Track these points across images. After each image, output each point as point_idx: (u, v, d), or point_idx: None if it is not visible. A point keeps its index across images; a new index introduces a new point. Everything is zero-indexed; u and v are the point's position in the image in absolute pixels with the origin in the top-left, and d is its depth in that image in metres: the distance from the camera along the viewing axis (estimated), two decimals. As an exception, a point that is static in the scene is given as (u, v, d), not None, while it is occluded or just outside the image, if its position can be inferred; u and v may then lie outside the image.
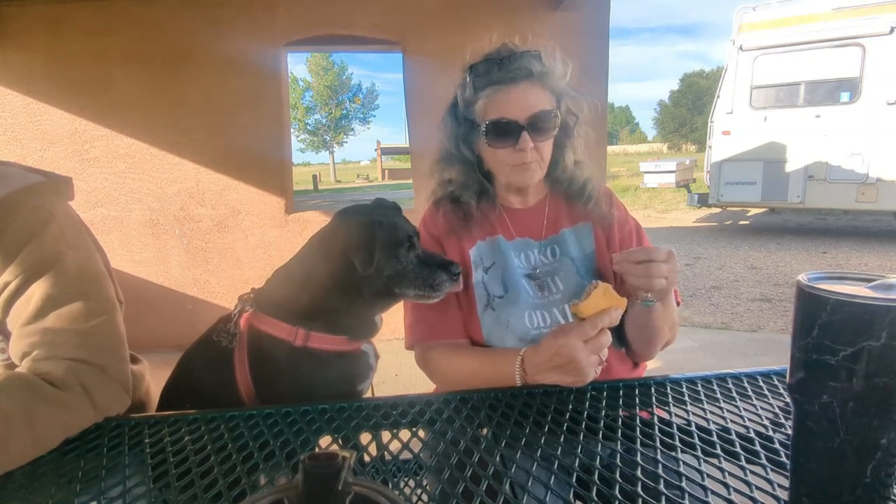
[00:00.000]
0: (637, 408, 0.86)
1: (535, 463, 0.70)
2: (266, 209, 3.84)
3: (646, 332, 1.07)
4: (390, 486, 0.71)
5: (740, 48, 7.94)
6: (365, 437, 0.81)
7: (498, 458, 0.71)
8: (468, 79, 1.09)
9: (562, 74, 1.08)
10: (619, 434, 0.77)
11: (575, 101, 1.11)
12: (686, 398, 0.88)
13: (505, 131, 1.05)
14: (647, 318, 1.03)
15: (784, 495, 0.59)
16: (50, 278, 0.87)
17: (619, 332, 1.11)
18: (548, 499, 0.63)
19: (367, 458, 0.78)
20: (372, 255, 0.99)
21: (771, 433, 0.74)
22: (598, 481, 0.64)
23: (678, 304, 1.13)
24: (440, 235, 1.17)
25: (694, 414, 0.82)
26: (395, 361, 3.34)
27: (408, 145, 4.24)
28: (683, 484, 0.63)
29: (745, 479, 0.63)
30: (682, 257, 7.16)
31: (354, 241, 1.01)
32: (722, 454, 0.70)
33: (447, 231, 1.16)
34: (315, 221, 3.84)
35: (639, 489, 0.63)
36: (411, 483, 0.87)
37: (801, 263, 6.62)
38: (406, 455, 0.76)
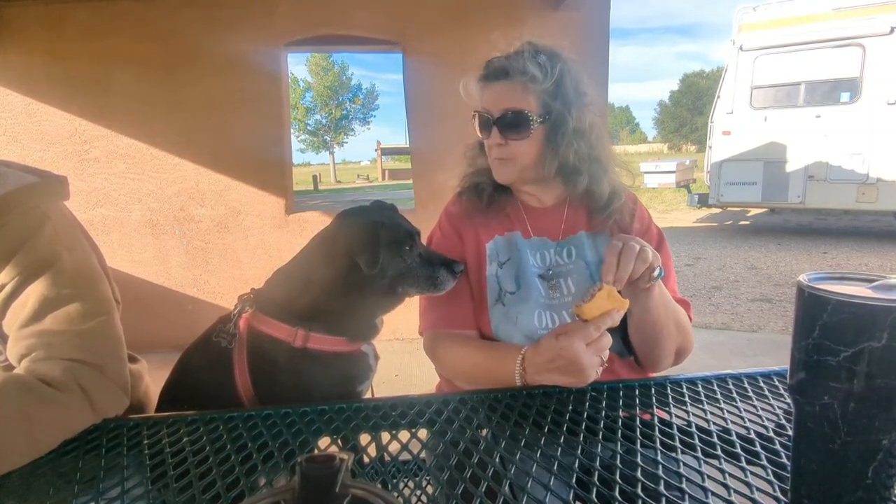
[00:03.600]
0: (637, 408, 0.86)
1: (535, 464, 0.70)
2: (266, 209, 3.84)
3: (650, 330, 1.04)
4: (389, 487, 0.71)
5: (740, 48, 7.94)
6: (364, 438, 0.81)
7: (497, 459, 0.71)
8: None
9: (538, 77, 1.05)
10: (619, 435, 0.77)
11: (565, 108, 1.07)
12: (686, 399, 0.88)
13: (483, 124, 1.12)
14: (648, 313, 1.01)
15: (785, 497, 0.59)
16: (46, 280, 0.86)
17: (625, 340, 1.10)
18: (547, 500, 0.62)
19: (366, 460, 0.77)
20: (376, 255, 1.00)
21: (772, 434, 0.74)
22: (597, 482, 0.64)
23: (690, 319, 1.12)
24: (460, 224, 1.19)
25: (694, 415, 0.82)
26: (395, 362, 3.35)
27: (408, 145, 4.24)
28: (684, 485, 0.63)
29: (746, 480, 0.63)
30: (683, 257, 7.16)
31: (358, 241, 1.01)
32: (722, 455, 0.69)
33: (467, 217, 1.19)
34: (315, 222, 3.84)
35: (639, 490, 0.62)
36: (410, 484, 0.87)
37: (802, 264, 6.62)
38: (405, 456, 0.76)
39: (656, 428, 0.78)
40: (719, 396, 0.88)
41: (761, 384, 0.92)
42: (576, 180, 1.12)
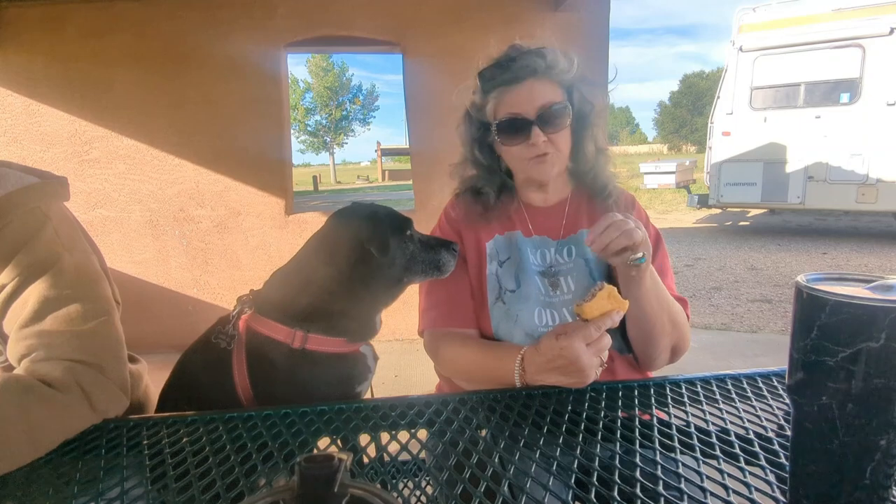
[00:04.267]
0: (636, 409, 0.86)
1: (534, 464, 0.70)
2: (266, 210, 3.84)
3: (644, 325, 1.04)
4: (388, 487, 0.71)
5: (740, 49, 7.94)
6: (363, 439, 0.81)
7: (496, 460, 0.71)
8: (478, 84, 1.13)
9: (566, 68, 1.09)
10: (618, 435, 0.77)
11: (588, 91, 1.13)
12: (685, 399, 0.88)
13: (516, 128, 1.09)
14: (639, 304, 1.01)
15: (783, 497, 0.59)
16: (47, 280, 0.87)
17: (625, 337, 1.10)
18: (546, 500, 0.62)
19: (365, 460, 0.78)
20: (387, 240, 1.02)
21: (770, 434, 0.74)
22: (596, 482, 0.64)
23: (688, 317, 1.13)
24: (459, 226, 1.20)
25: (693, 415, 0.82)
26: (395, 363, 3.35)
27: (408, 146, 4.24)
28: (682, 485, 0.63)
29: (745, 480, 0.63)
30: (683, 258, 7.16)
31: (366, 230, 1.03)
32: (721, 455, 0.69)
33: (466, 221, 1.20)
34: (315, 222, 3.84)
35: (637, 490, 0.62)
36: (410, 484, 0.87)
37: (802, 264, 6.62)
38: (405, 456, 0.76)
39: (655, 428, 0.78)
40: (718, 397, 0.88)
41: (760, 385, 0.92)
42: (586, 168, 1.16)
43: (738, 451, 0.70)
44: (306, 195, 27.52)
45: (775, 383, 0.92)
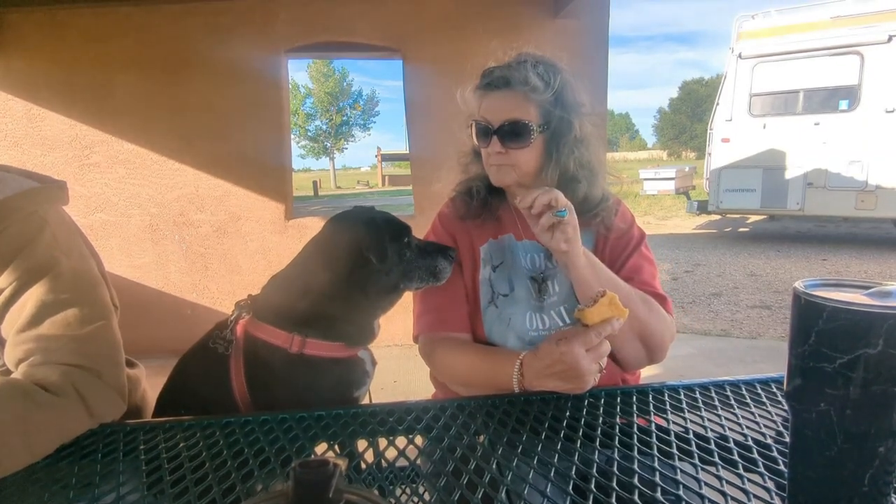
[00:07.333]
0: (635, 415, 0.86)
1: (532, 470, 0.70)
2: (266, 215, 3.85)
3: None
4: (385, 493, 0.71)
5: (739, 56, 7.97)
6: (361, 444, 0.81)
7: (494, 466, 0.71)
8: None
9: (540, 88, 1.05)
10: (617, 441, 0.76)
11: (566, 118, 1.08)
12: (684, 406, 0.88)
13: (482, 132, 1.11)
14: (577, 285, 1.00)
15: (782, 504, 0.58)
16: (45, 284, 0.87)
17: None
18: (544, 507, 0.62)
19: (363, 466, 0.77)
20: (385, 248, 1.02)
21: (769, 441, 0.74)
22: (594, 489, 0.64)
23: (670, 313, 1.11)
24: (453, 227, 1.21)
25: (692, 422, 0.82)
26: (393, 368, 3.35)
27: (407, 151, 4.25)
28: (681, 492, 0.63)
29: (743, 487, 0.63)
30: (682, 264, 7.16)
31: (364, 238, 1.03)
32: (720, 462, 0.69)
33: (460, 221, 1.20)
34: (315, 227, 3.80)
35: (636, 497, 0.62)
36: (407, 490, 0.87)
37: (801, 271, 6.62)
38: (402, 462, 0.76)
39: (654, 435, 0.77)
40: (717, 403, 0.88)
41: (759, 391, 0.92)
42: (575, 188, 1.13)
43: (736, 457, 0.70)
44: (306, 200, 27.51)
45: (774, 389, 0.92)
